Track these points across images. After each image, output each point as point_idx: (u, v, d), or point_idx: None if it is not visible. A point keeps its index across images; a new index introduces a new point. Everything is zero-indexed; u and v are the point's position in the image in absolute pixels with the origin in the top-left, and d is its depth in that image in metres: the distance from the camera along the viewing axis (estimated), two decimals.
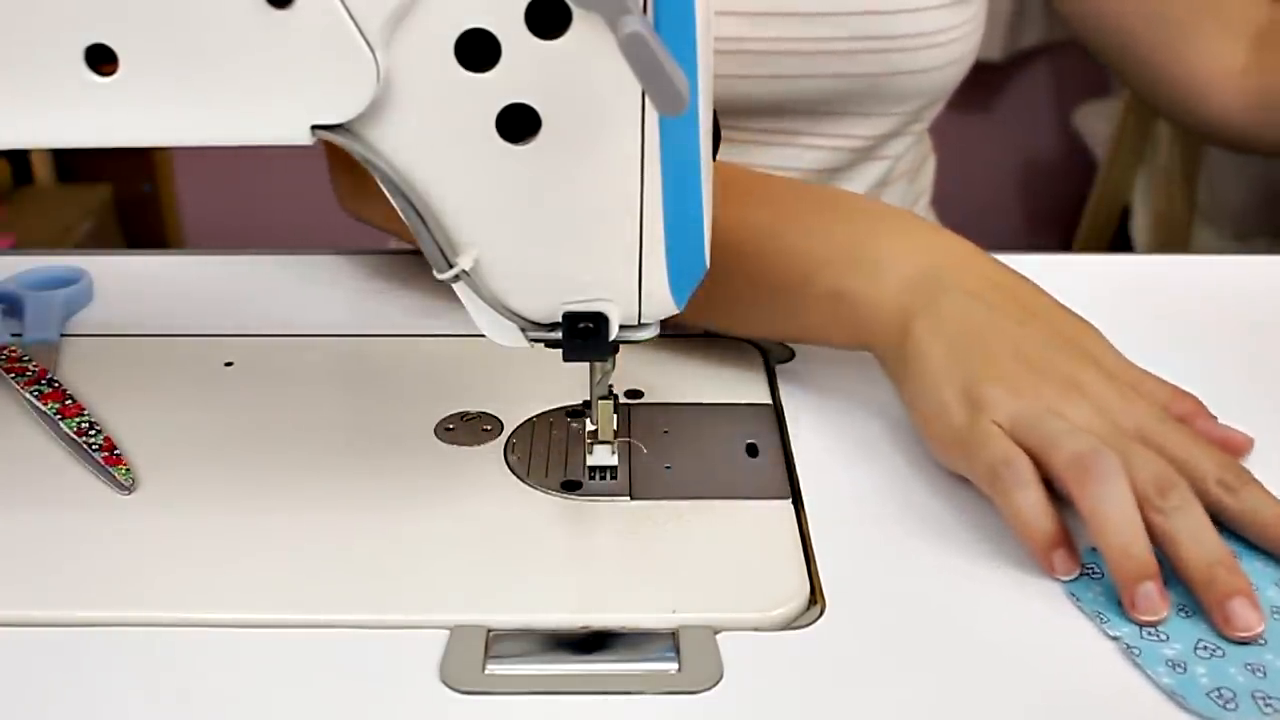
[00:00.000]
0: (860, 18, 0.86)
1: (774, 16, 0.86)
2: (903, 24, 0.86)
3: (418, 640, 0.51)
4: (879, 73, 0.88)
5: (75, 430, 0.63)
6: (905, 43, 0.87)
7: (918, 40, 0.87)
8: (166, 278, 0.81)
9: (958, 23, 0.90)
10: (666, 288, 0.53)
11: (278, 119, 0.48)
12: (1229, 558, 0.52)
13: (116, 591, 0.54)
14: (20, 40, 0.47)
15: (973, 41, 0.93)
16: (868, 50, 0.87)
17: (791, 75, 0.88)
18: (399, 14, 0.47)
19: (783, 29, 0.86)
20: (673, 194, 0.51)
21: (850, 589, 0.54)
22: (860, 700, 0.49)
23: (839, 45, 0.87)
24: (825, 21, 0.86)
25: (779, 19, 0.86)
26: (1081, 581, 0.54)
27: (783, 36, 0.86)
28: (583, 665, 0.51)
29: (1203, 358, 0.71)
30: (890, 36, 0.87)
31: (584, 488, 0.60)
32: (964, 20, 0.90)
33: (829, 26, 0.86)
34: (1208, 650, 0.50)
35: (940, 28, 0.88)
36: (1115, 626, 0.52)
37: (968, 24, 0.91)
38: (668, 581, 0.55)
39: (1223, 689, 0.48)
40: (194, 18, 0.47)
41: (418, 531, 0.57)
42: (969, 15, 0.91)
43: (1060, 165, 2.43)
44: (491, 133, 0.49)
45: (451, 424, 0.65)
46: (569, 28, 0.47)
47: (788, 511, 0.59)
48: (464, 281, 0.52)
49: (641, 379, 0.68)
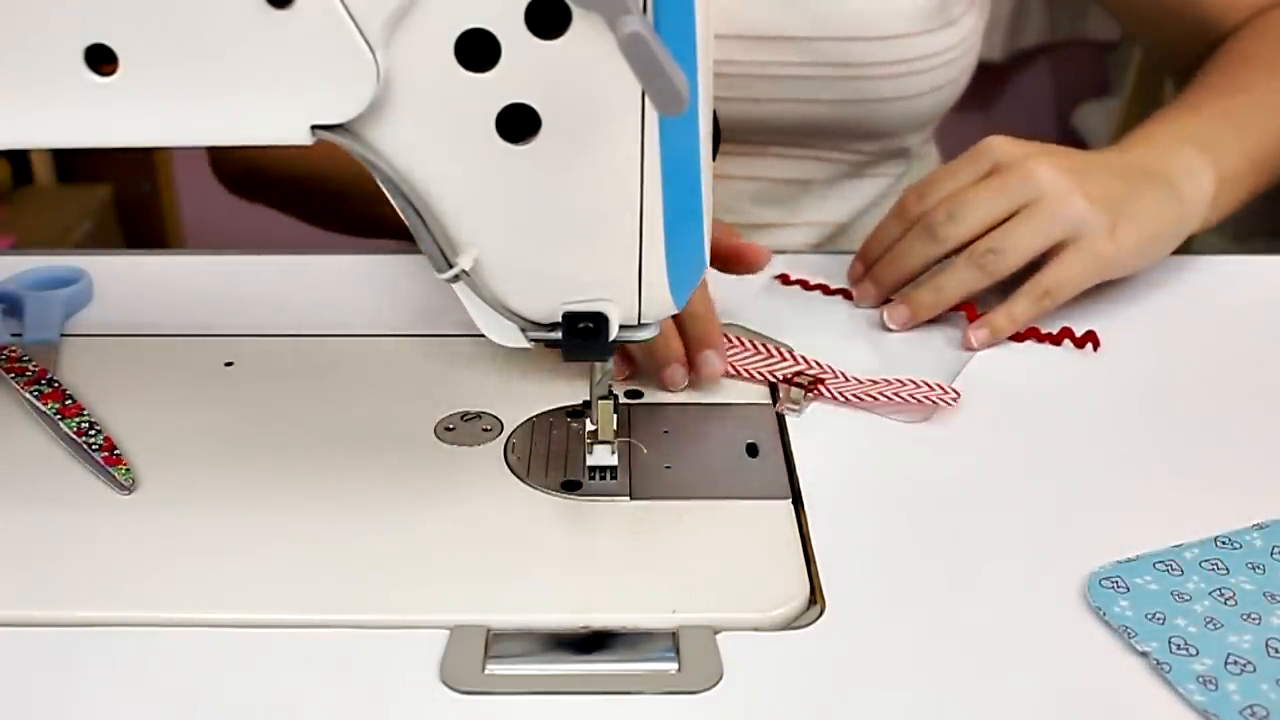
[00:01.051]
0: (841, 43, 0.85)
1: (752, 40, 0.85)
2: (886, 50, 0.85)
3: (418, 640, 0.51)
4: (861, 99, 0.87)
5: (75, 430, 0.63)
6: (889, 69, 0.87)
7: (900, 67, 0.87)
8: (166, 278, 0.81)
9: (944, 48, 0.88)
10: (666, 288, 0.53)
11: (278, 119, 0.48)
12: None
13: (116, 591, 0.54)
14: (20, 40, 0.47)
15: (962, 65, 0.91)
16: (849, 76, 0.86)
17: (771, 99, 0.87)
18: (399, 14, 0.47)
19: (761, 53, 0.85)
20: (673, 194, 0.51)
21: (850, 589, 0.54)
22: (860, 700, 0.49)
23: (819, 71, 0.86)
24: (804, 47, 0.85)
25: (757, 43, 0.85)
26: (1108, 595, 0.53)
27: (760, 60, 0.86)
28: (583, 665, 0.51)
29: (1203, 357, 0.71)
30: (872, 63, 0.86)
31: (584, 488, 0.60)
32: (951, 45, 0.89)
33: (809, 52, 0.85)
34: (1238, 665, 0.50)
35: (925, 54, 0.88)
36: (1144, 641, 0.51)
37: (955, 49, 0.90)
38: (668, 581, 0.55)
39: (1255, 706, 0.48)
40: (194, 18, 0.47)
41: (418, 531, 0.57)
42: (958, 39, 0.90)
43: None
44: (491, 133, 0.49)
45: (451, 424, 0.65)
46: (569, 28, 0.47)
47: (788, 511, 0.59)
48: (464, 281, 0.52)
49: (642, 379, 0.68)
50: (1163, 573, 0.54)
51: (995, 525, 0.58)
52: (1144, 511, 0.59)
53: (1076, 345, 0.72)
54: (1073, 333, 0.71)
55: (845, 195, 0.95)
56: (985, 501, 0.60)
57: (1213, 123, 0.79)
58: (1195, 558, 0.55)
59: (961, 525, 0.58)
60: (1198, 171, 0.75)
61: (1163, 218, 0.73)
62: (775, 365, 0.69)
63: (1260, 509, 0.59)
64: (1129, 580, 0.54)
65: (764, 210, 0.94)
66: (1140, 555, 0.55)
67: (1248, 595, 0.53)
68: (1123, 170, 0.73)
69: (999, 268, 0.70)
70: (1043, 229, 0.70)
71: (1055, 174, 0.70)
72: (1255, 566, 0.55)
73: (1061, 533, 0.58)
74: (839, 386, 0.67)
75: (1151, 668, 0.50)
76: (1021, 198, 0.70)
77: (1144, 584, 0.54)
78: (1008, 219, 0.71)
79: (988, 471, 0.61)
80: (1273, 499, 0.60)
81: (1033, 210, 0.70)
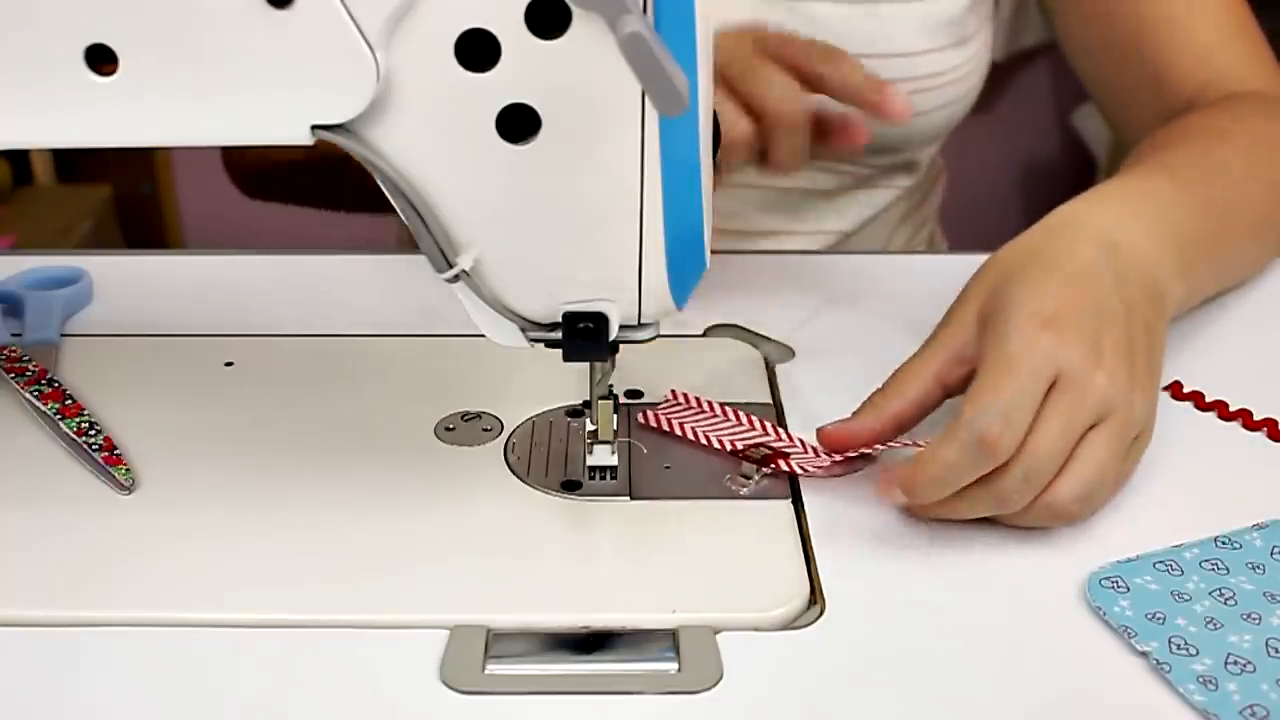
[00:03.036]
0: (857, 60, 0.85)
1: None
2: (892, 68, 0.84)
3: (418, 640, 0.51)
4: (867, 115, 0.87)
5: (75, 430, 0.63)
6: (903, 86, 0.86)
7: (908, 85, 0.85)
8: (166, 278, 0.81)
9: (950, 66, 0.88)
10: (666, 288, 0.53)
11: (278, 119, 0.48)
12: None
13: (116, 591, 0.54)
14: (20, 40, 0.47)
15: (971, 82, 0.91)
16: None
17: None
18: (399, 14, 0.47)
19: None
20: (673, 194, 0.51)
21: (850, 589, 0.54)
22: (860, 700, 0.49)
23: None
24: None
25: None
26: (1108, 595, 0.53)
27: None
28: (583, 665, 0.51)
29: (1203, 356, 0.71)
30: (887, 80, 0.86)
31: (584, 488, 0.60)
32: (960, 63, 0.89)
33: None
34: (1238, 665, 0.50)
35: (938, 70, 0.87)
36: (1144, 641, 0.51)
37: (964, 66, 0.89)
38: (668, 581, 0.55)
39: (1255, 706, 0.48)
40: (194, 18, 0.47)
41: (418, 531, 0.57)
42: (967, 57, 0.89)
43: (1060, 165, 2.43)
44: (491, 133, 0.49)
45: (451, 424, 0.65)
46: (569, 28, 0.47)
47: (788, 511, 0.59)
48: (464, 281, 0.52)
49: (641, 379, 0.68)
50: (1163, 573, 0.54)
51: (995, 525, 0.58)
52: (1144, 511, 0.59)
53: None
54: None
55: (852, 205, 0.95)
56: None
57: (1191, 220, 0.69)
58: (1195, 558, 0.55)
59: (962, 525, 0.58)
60: (1179, 296, 0.68)
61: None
62: (738, 433, 0.63)
63: (1260, 509, 0.59)
64: (1129, 580, 0.54)
65: (770, 218, 0.94)
66: (1140, 555, 0.55)
67: (1248, 595, 0.53)
68: (1144, 341, 0.61)
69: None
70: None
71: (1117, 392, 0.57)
72: (1255, 566, 0.55)
73: (1061, 533, 0.57)
74: (802, 461, 0.61)
75: (1151, 668, 0.50)
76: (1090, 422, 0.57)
77: (1144, 584, 0.54)
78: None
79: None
80: (1273, 499, 0.60)
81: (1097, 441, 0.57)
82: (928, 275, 0.78)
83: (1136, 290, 0.61)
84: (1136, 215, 0.66)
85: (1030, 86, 2.40)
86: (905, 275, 0.82)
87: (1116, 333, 0.58)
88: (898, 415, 0.60)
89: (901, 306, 0.75)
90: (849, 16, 0.85)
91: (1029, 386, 0.55)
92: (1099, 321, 0.58)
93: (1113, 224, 0.64)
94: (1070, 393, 0.55)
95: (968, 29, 0.89)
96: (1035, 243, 0.63)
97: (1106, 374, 0.56)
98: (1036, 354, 0.55)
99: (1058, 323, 0.57)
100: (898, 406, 0.60)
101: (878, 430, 0.60)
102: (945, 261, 0.89)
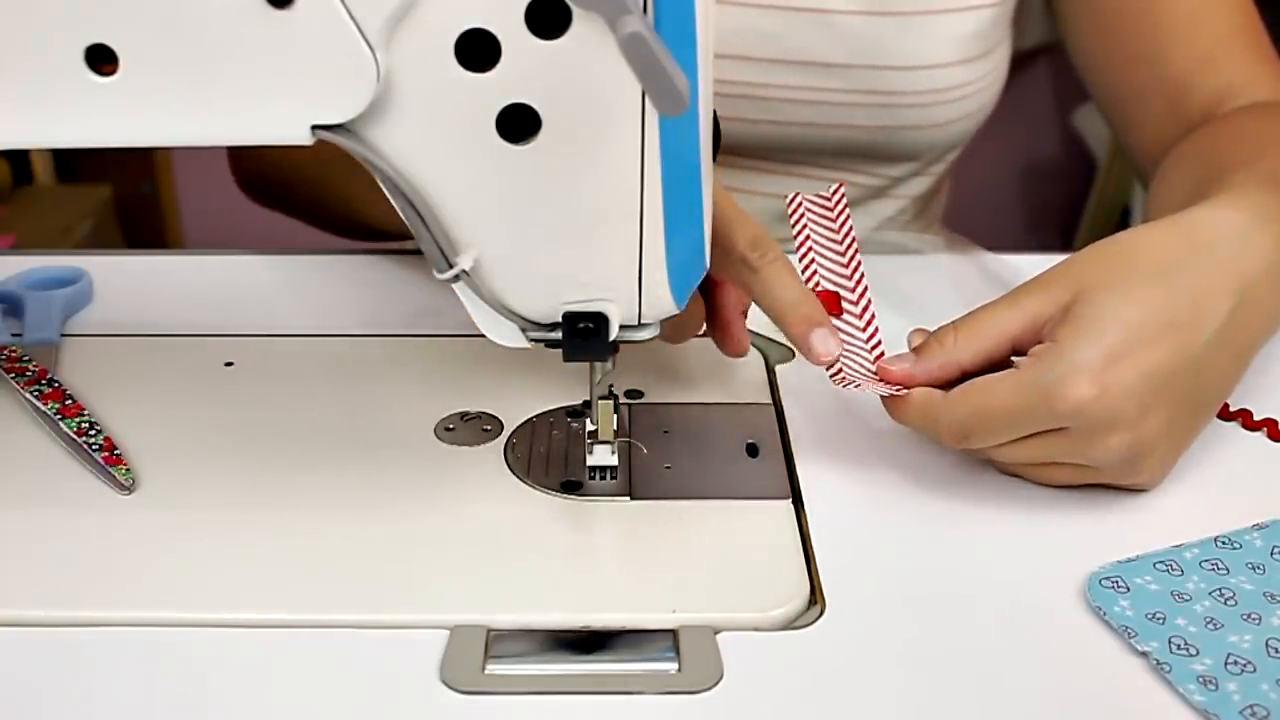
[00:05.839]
0: (872, 72, 0.85)
1: (785, 65, 0.85)
2: (916, 80, 0.85)
3: (418, 640, 0.51)
4: (889, 125, 0.87)
5: (75, 430, 0.63)
6: (918, 98, 0.86)
7: (929, 96, 0.86)
8: (166, 278, 0.81)
9: (973, 79, 0.88)
10: (666, 288, 0.53)
11: (278, 119, 0.48)
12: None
13: (116, 591, 0.54)
14: (20, 40, 0.47)
15: (989, 95, 0.91)
16: (878, 104, 0.86)
17: (801, 123, 0.87)
18: (399, 14, 0.47)
19: (794, 78, 0.85)
20: (673, 194, 0.51)
21: (850, 589, 0.54)
22: (860, 700, 0.49)
23: (849, 98, 0.86)
24: (836, 73, 0.85)
25: (790, 67, 0.85)
26: (1108, 595, 0.53)
27: (792, 85, 0.85)
28: (583, 665, 0.51)
29: None
30: (903, 92, 0.86)
31: (584, 488, 0.60)
32: (979, 76, 0.89)
33: (840, 79, 0.85)
34: (1238, 665, 0.50)
35: (954, 84, 0.87)
36: (1144, 641, 0.51)
37: (983, 79, 0.89)
38: (668, 581, 0.55)
39: (1255, 706, 0.48)
40: (194, 18, 0.47)
41: (418, 531, 0.57)
42: (988, 69, 0.89)
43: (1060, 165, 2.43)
44: (491, 133, 0.49)
45: (451, 424, 0.65)
46: (569, 28, 0.47)
47: (788, 511, 0.59)
48: (464, 281, 0.52)
49: (641, 379, 0.68)
50: (1163, 573, 0.54)
51: (995, 525, 0.58)
52: (1144, 511, 0.59)
53: None
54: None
55: (866, 213, 0.95)
56: (986, 501, 0.60)
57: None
58: (1195, 558, 0.55)
59: (962, 525, 0.58)
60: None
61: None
62: (836, 271, 0.64)
63: (1260, 509, 0.59)
64: (1129, 580, 0.54)
65: (785, 226, 0.94)
66: (1140, 555, 0.55)
67: (1248, 595, 0.53)
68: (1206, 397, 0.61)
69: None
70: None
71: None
72: (1255, 566, 0.55)
73: (1061, 533, 0.58)
74: (854, 369, 0.61)
75: (1151, 668, 0.50)
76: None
77: (1144, 584, 0.54)
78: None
79: (988, 471, 0.61)
80: (1273, 499, 0.60)
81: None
82: (928, 275, 0.78)
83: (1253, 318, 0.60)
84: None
85: (1030, 86, 2.40)
86: (906, 275, 0.82)
87: (1177, 392, 0.57)
88: (962, 366, 0.60)
89: (902, 306, 0.75)
90: (879, 30, 0.85)
91: (1036, 421, 0.56)
92: (1165, 380, 0.56)
93: (1255, 261, 0.60)
94: (1076, 442, 0.56)
95: (991, 41, 0.89)
96: (1167, 249, 0.60)
97: (1131, 438, 0.56)
98: (1069, 402, 0.55)
99: (1116, 367, 0.55)
100: (968, 360, 0.59)
101: (939, 377, 0.60)
102: (946, 261, 0.88)
